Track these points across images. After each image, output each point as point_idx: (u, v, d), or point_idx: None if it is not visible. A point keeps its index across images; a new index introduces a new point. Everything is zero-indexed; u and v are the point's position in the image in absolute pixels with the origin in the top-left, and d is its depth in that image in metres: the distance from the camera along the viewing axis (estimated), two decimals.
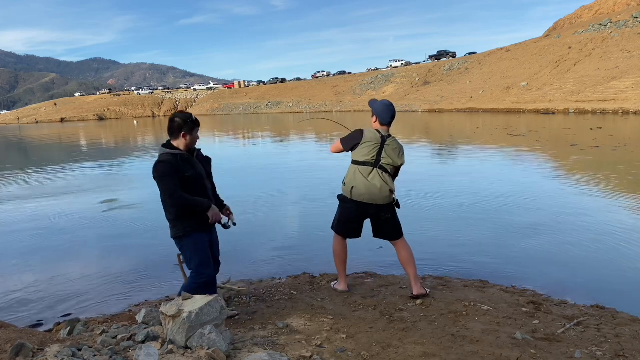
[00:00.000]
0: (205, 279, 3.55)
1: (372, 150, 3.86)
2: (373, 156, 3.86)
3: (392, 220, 4.05)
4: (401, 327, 3.42)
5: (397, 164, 3.96)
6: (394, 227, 4.08)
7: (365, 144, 3.87)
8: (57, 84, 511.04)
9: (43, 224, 8.15)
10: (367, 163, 3.87)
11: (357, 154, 3.91)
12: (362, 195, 3.87)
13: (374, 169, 3.87)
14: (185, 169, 3.41)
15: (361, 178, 3.87)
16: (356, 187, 3.87)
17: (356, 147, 3.91)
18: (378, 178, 3.86)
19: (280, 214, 8.29)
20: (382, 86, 76.51)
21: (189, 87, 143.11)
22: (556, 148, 16.15)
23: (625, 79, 35.30)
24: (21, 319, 4.40)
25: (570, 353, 2.98)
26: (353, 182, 3.89)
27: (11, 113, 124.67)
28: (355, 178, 3.89)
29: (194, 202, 3.44)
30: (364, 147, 3.87)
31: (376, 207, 3.94)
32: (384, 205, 3.95)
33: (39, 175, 14.96)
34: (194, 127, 3.51)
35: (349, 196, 3.93)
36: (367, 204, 3.91)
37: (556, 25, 79.79)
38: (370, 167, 3.87)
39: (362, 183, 3.86)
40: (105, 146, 28.91)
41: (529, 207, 7.75)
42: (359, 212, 3.98)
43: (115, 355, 2.76)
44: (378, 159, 3.87)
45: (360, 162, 3.90)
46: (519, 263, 5.30)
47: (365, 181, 3.85)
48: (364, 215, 4.02)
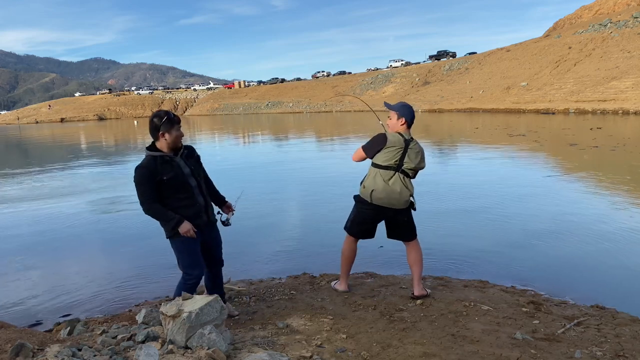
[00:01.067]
0: (194, 280, 3.50)
1: (395, 154, 3.78)
2: (396, 160, 3.79)
3: (408, 222, 4.02)
4: (401, 327, 3.42)
5: (418, 168, 3.91)
6: (410, 229, 4.05)
7: (389, 149, 3.79)
8: (57, 84, 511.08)
9: (43, 224, 8.15)
10: (389, 167, 3.80)
11: (379, 157, 3.83)
12: (382, 199, 3.82)
13: (395, 173, 3.80)
14: (164, 172, 3.31)
15: (381, 182, 3.80)
16: (376, 191, 3.81)
17: (379, 151, 3.83)
18: (399, 182, 3.81)
19: (280, 213, 8.29)
20: (382, 86, 76.49)
21: (189, 87, 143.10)
22: (555, 148, 16.15)
23: (625, 79, 35.30)
24: (21, 319, 4.40)
25: (570, 353, 2.98)
26: (373, 185, 3.82)
27: (11, 113, 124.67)
28: (375, 182, 3.82)
29: (164, 215, 3.35)
30: (387, 151, 3.79)
31: (394, 210, 3.90)
32: (402, 210, 3.92)
33: (38, 176, 14.96)
34: (173, 125, 3.35)
35: (369, 199, 3.86)
36: (386, 207, 3.86)
37: (556, 25, 79.79)
38: (392, 172, 3.80)
39: (382, 187, 3.79)
40: (105, 146, 28.92)
41: (529, 207, 7.75)
42: (376, 215, 3.94)
43: (115, 355, 2.76)
44: (401, 164, 3.80)
45: (382, 165, 3.81)
46: (518, 263, 5.29)
47: (385, 185, 3.79)
48: (381, 217, 3.98)
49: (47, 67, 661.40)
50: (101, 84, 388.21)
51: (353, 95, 60.00)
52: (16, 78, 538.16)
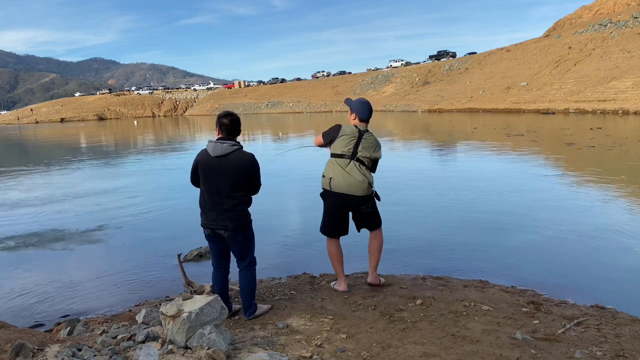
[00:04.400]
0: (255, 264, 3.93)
1: (349, 143, 4.00)
2: (350, 149, 4.00)
3: (372, 212, 4.19)
4: (401, 327, 3.42)
5: (373, 158, 4.08)
6: (374, 219, 4.24)
7: (343, 137, 4.02)
8: (57, 84, 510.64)
9: (43, 224, 8.15)
10: (344, 155, 4.00)
11: (335, 147, 4.06)
12: (340, 187, 3.99)
13: (351, 161, 3.99)
14: None
15: (339, 170, 3.99)
16: (334, 179, 4.00)
17: (334, 140, 4.06)
18: (356, 170, 3.99)
19: (280, 213, 8.29)
20: (382, 86, 76.45)
21: (189, 87, 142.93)
22: (553, 148, 16.16)
23: (625, 79, 35.29)
24: (21, 319, 4.40)
25: (570, 353, 2.98)
26: (331, 173, 4.03)
27: (11, 113, 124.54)
28: (334, 170, 4.02)
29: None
30: (341, 139, 4.02)
31: (356, 199, 4.05)
32: (364, 198, 4.07)
33: (38, 176, 14.96)
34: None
35: (329, 188, 4.05)
36: (347, 195, 4.02)
37: (556, 25, 79.76)
38: (347, 160, 4.00)
39: (340, 175, 3.98)
40: (105, 146, 28.91)
41: (527, 207, 7.75)
42: (340, 205, 4.09)
43: (115, 355, 2.76)
44: (355, 152, 4.00)
45: (337, 154, 4.03)
46: (519, 263, 5.30)
47: (343, 172, 3.98)
48: (346, 208, 4.13)
49: (47, 67, 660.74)
50: (101, 84, 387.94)
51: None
52: (16, 78, 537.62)
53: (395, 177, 10.99)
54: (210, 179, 3.65)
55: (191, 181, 3.83)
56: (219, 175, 3.62)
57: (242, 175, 3.65)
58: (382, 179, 4.32)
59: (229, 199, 3.65)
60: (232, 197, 3.65)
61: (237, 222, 3.67)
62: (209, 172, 3.65)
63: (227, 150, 3.60)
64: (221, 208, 3.65)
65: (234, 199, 3.65)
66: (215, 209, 3.66)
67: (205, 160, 3.66)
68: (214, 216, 3.67)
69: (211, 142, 3.68)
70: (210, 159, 3.63)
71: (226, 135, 3.68)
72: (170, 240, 6.89)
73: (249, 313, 3.85)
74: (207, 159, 3.65)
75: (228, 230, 3.67)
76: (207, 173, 3.66)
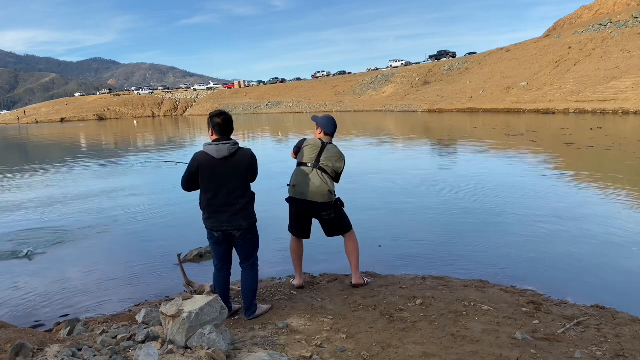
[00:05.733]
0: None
1: (312, 152, 4.26)
2: (313, 157, 4.24)
3: (336, 219, 4.36)
4: (401, 327, 3.42)
5: (335, 168, 4.29)
6: (340, 224, 4.41)
7: (306, 147, 4.30)
8: (57, 84, 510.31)
9: (43, 224, 8.15)
10: (307, 164, 4.25)
11: (300, 156, 4.33)
12: (301, 192, 4.20)
13: (313, 169, 4.22)
14: None
15: (302, 177, 4.22)
16: (297, 185, 4.23)
17: (300, 150, 4.34)
18: (317, 177, 4.19)
19: (279, 213, 8.27)
20: (382, 86, 76.42)
21: (189, 87, 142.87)
22: (552, 147, 16.16)
23: (625, 79, 35.27)
24: (21, 319, 4.40)
25: (570, 353, 2.98)
26: (295, 181, 4.25)
27: (11, 113, 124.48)
28: (297, 177, 4.25)
29: None
30: (305, 149, 4.30)
31: (316, 205, 4.22)
32: (324, 205, 4.24)
33: (38, 176, 14.96)
34: None
35: (293, 194, 4.27)
36: (307, 202, 4.20)
37: (556, 25, 79.71)
38: (310, 168, 4.23)
39: (302, 181, 4.20)
40: (105, 146, 28.92)
41: (527, 207, 7.74)
42: (299, 210, 4.32)
43: (115, 355, 2.76)
44: (318, 160, 4.24)
45: (302, 163, 4.28)
46: (519, 263, 5.29)
47: (305, 179, 4.20)
48: (306, 214, 4.34)
49: (47, 67, 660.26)
50: (101, 84, 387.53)
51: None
52: (16, 78, 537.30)
53: (395, 177, 10.99)
54: (218, 181, 3.63)
55: (185, 187, 3.76)
56: (228, 176, 3.63)
57: (248, 172, 3.74)
58: (382, 178, 4.31)
59: (242, 199, 3.70)
60: (244, 196, 3.71)
61: (249, 220, 3.76)
62: (216, 175, 3.62)
63: (232, 150, 3.62)
64: (235, 209, 3.66)
65: (246, 197, 3.73)
66: (228, 210, 3.65)
67: (209, 163, 3.61)
68: (226, 218, 3.65)
69: (210, 144, 3.65)
70: (215, 161, 3.60)
71: (221, 135, 3.67)
72: (170, 240, 6.89)
73: (249, 313, 3.85)
74: (210, 161, 3.61)
75: (242, 229, 3.71)
76: (214, 176, 3.62)
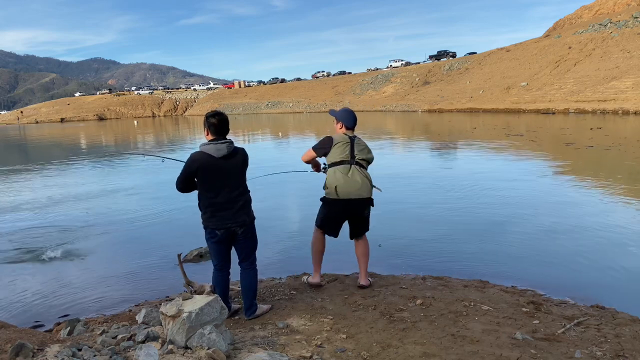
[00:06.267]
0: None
1: (345, 149, 4.15)
2: (347, 154, 4.14)
3: (367, 216, 4.32)
4: (401, 327, 3.42)
5: (368, 159, 4.25)
6: (367, 223, 4.36)
7: (337, 145, 4.16)
8: (57, 84, 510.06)
9: (43, 224, 8.15)
10: (344, 162, 4.13)
11: (332, 156, 4.18)
12: (347, 192, 4.09)
13: (351, 166, 4.12)
14: None
15: (342, 176, 4.10)
16: (340, 185, 4.09)
17: (329, 151, 4.18)
18: (358, 173, 4.12)
19: (280, 213, 8.28)
20: (382, 86, 76.39)
21: (189, 87, 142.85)
22: (551, 147, 16.17)
23: (625, 79, 35.27)
24: (21, 319, 4.40)
25: (570, 353, 2.98)
26: (335, 181, 4.11)
27: (11, 113, 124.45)
28: (336, 178, 4.11)
29: None
30: (336, 148, 4.16)
31: (362, 202, 4.17)
32: (368, 201, 4.21)
33: (38, 176, 14.96)
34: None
35: (336, 196, 4.12)
36: (354, 200, 4.12)
37: (556, 25, 79.69)
38: (347, 165, 4.13)
39: (343, 180, 4.09)
40: (105, 146, 28.92)
41: (526, 207, 7.75)
42: (345, 210, 4.19)
43: (115, 355, 2.76)
44: (352, 156, 4.15)
45: (337, 162, 4.15)
46: (519, 263, 5.30)
47: (346, 178, 4.09)
48: (348, 213, 4.23)
49: (47, 67, 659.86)
50: (101, 84, 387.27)
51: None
52: (16, 78, 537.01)
53: (395, 176, 10.99)
54: (219, 179, 3.65)
55: (181, 188, 3.76)
56: (228, 174, 3.68)
57: (244, 169, 3.81)
58: (382, 178, 4.31)
59: (242, 195, 3.77)
60: (244, 193, 3.79)
61: (251, 216, 3.83)
62: (217, 174, 3.64)
63: (231, 149, 3.67)
64: (238, 205, 3.72)
65: (245, 194, 3.80)
66: (231, 207, 3.70)
67: (208, 163, 3.62)
68: (229, 215, 3.70)
69: (208, 144, 3.66)
70: (215, 161, 3.61)
71: (217, 135, 3.69)
72: (170, 240, 6.89)
73: (249, 313, 3.85)
74: (210, 161, 3.62)
75: (245, 225, 3.77)
76: (215, 175, 3.64)
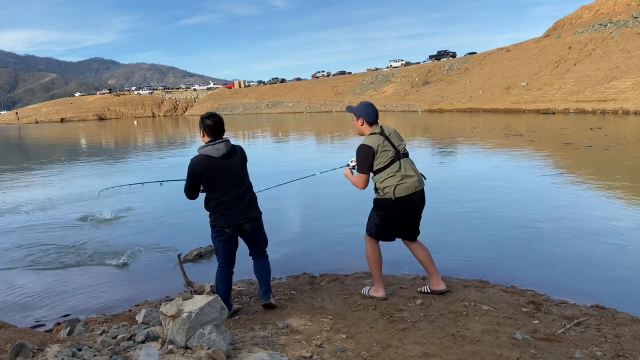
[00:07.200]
0: None
1: (386, 147, 3.83)
2: (392, 152, 3.84)
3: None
4: (401, 327, 3.42)
5: (404, 145, 3.98)
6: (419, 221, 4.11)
7: (379, 149, 3.82)
8: (57, 84, 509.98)
9: (44, 224, 8.15)
10: (392, 160, 3.83)
11: (379, 161, 3.84)
12: (407, 188, 3.82)
13: (399, 160, 3.84)
14: None
15: (398, 174, 3.82)
16: (400, 185, 3.80)
17: (374, 159, 3.84)
18: (408, 165, 3.89)
19: (280, 213, 8.28)
20: (382, 86, 76.39)
21: (189, 87, 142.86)
22: (550, 147, 16.16)
23: (625, 79, 35.27)
24: (21, 319, 4.40)
25: (570, 353, 2.98)
26: (393, 181, 3.81)
27: (10, 113, 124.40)
28: (393, 178, 3.81)
29: None
30: (381, 152, 3.82)
31: (421, 196, 3.92)
32: (423, 193, 3.96)
33: (38, 176, 14.95)
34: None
35: (400, 195, 3.81)
36: (415, 194, 3.86)
37: (556, 25, 79.68)
38: (397, 161, 3.84)
39: (400, 178, 3.81)
40: (105, 146, 28.91)
41: (526, 207, 7.74)
42: (406, 210, 3.91)
43: (115, 355, 2.76)
44: (397, 150, 3.86)
45: (387, 164, 3.83)
46: (519, 263, 5.29)
47: (401, 175, 3.82)
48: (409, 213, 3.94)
49: (47, 67, 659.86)
50: (101, 84, 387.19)
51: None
52: (16, 78, 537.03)
53: None
54: (224, 178, 3.69)
55: (190, 195, 3.77)
56: (232, 172, 3.72)
57: (245, 164, 3.87)
58: None
59: (249, 191, 3.85)
60: (250, 189, 3.86)
61: (258, 210, 3.92)
62: (221, 173, 3.68)
63: (229, 148, 3.73)
64: (246, 201, 3.79)
65: (251, 190, 3.87)
66: (240, 204, 3.75)
67: (211, 164, 3.65)
68: (239, 211, 3.75)
69: (206, 146, 3.70)
70: (216, 161, 3.66)
71: (213, 136, 3.74)
72: (170, 240, 6.89)
73: (268, 296, 3.96)
74: (212, 162, 3.65)
75: (255, 220, 3.84)
76: (219, 174, 3.68)
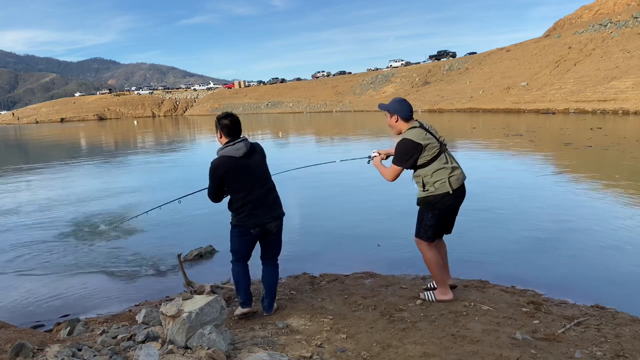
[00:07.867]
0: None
1: (430, 140, 3.77)
2: (436, 145, 3.79)
3: None
4: (401, 327, 3.42)
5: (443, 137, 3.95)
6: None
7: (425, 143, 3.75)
8: (57, 84, 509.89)
9: (44, 224, 8.15)
10: (439, 154, 3.78)
11: (425, 156, 3.77)
12: (458, 178, 3.81)
13: (443, 153, 3.81)
14: None
15: (447, 168, 3.78)
16: (451, 178, 3.76)
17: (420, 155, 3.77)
18: (452, 158, 3.88)
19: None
20: (382, 86, 76.39)
21: (189, 87, 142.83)
22: (550, 147, 16.16)
23: (625, 79, 35.27)
24: (21, 319, 4.40)
25: (570, 353, 2.98)
26: (443, 175, 3.75)
27: (10, 113, 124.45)
28: (443, 171, 3.76)
29: None
30: (427, 148, 3.76)
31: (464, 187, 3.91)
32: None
33: (38, 176, 14.95)
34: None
35: (454, 187, 3.77)
36: (463, 187, 3.89)
37: (556, 25, 79.68)
38: (442, 154, 3.80)
39: (449, 171, 3.78)
40: (105, 145, 28.91)
41: (526, 207, 7.74)
42: (457, 203, 3.89)
43: (115, 355, 2.76)
44: (440, 142, 3.83)
45: (434, 157, 3.77)
46: (519, 263, 5.29)
47: (449, 167, 3.79)
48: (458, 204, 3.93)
49: (47, 67, 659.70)
50: (101, 84, 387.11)
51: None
52: (16, 78, 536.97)
53: None
54: (247, 178, 3.65)
55: (215, 199, 3.75)
56: (254, 171, 3.69)
57: (265, 161, 3.83)
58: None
59: (273, 190, 3.84)
60: (274, 188, 3.85)
61: (282, 208, 3.90)
62: (244, 173, 3.63)
63: (249, 147, 3.69)
64: (270, 200, 3.78)
65: (274, 187, 3.86)
66: (265, 203, 3.73)
67: (232, 164, 3.60)
68: (264, 211, 3.72)
69: (226, 146, 3.64)
70: (238, 161, 3.61)
71: (231, 136, 3.67)
72: (170, 240, 6.89)
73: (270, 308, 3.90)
74: (234, 163, 3.60)
75: (280, 218, 3.85)
76: (242, 174, 3.63)
